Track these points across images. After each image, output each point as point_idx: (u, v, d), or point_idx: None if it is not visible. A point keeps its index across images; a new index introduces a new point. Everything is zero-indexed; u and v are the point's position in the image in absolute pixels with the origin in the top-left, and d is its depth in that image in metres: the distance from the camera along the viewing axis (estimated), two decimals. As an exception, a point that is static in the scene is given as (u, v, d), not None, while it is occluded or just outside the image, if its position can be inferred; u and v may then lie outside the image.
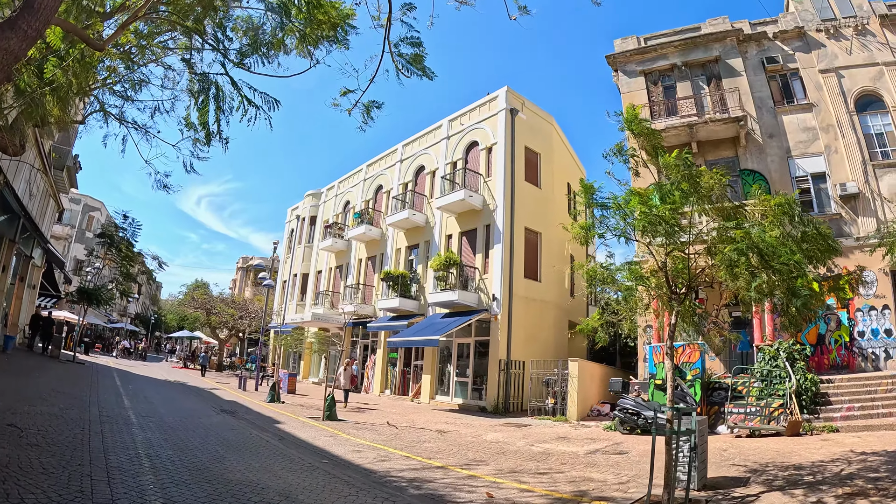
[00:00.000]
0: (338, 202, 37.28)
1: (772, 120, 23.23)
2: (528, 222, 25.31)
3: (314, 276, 37.64)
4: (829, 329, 19.45)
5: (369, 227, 30.56)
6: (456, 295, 23.31)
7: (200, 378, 31.81)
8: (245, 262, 65.96)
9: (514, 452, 12.53)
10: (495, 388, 22.45)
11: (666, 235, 8.64)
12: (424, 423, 17.38)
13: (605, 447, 13.47)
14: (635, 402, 16.23)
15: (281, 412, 18.28)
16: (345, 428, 15.26)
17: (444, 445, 13.17)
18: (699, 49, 24.70)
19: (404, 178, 30.66)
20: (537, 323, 25.06)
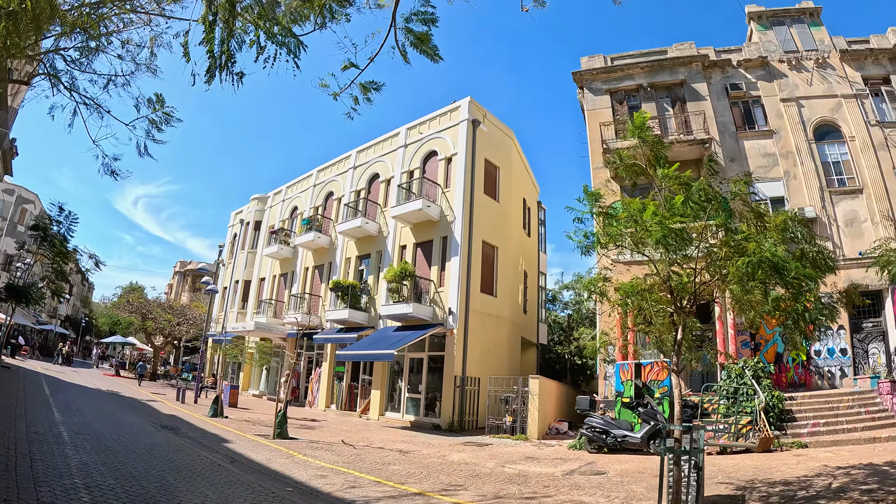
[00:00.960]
0: (285, 207, 35.37)
1: (734, 144, 23.44)
2: (486, 236, 24.25)
3: (257, 284, 35.49)
4: (787, 348, 19.54)
5: (318, 235, 28.88)
6: (411, 308, 22.02)
7: (135, 388, 29.39)
8: (183, 266, 62.70)
9: (488, 475, 11.61)
10: (450, 406, 21.29)
11: (677, 248, 8.29)
12: (381, 442, 16.25)
13: (580, 467, 12.84)
14: (604, 421, 15.64)
15: (226, 428, 16.70)
16: (299, 447, 13.92)
17: (411, 468, 12.12)
18: (665, 72, 24.62)
19: (357, 185, 29.21)
20: (492, 339, 24.03)
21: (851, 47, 24.67)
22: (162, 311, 37.86)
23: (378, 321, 24.73)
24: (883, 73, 24.29)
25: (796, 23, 25.62)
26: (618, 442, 14.84)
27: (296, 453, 12.94)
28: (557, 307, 43.07)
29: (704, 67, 24.58)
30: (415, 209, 23.41)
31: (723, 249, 8.51)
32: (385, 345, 21.57)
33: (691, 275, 8.93)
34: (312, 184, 32.75)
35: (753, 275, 7.60)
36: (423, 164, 25.92)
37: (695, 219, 8.55)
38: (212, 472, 9.99)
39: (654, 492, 8.83)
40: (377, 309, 25.03)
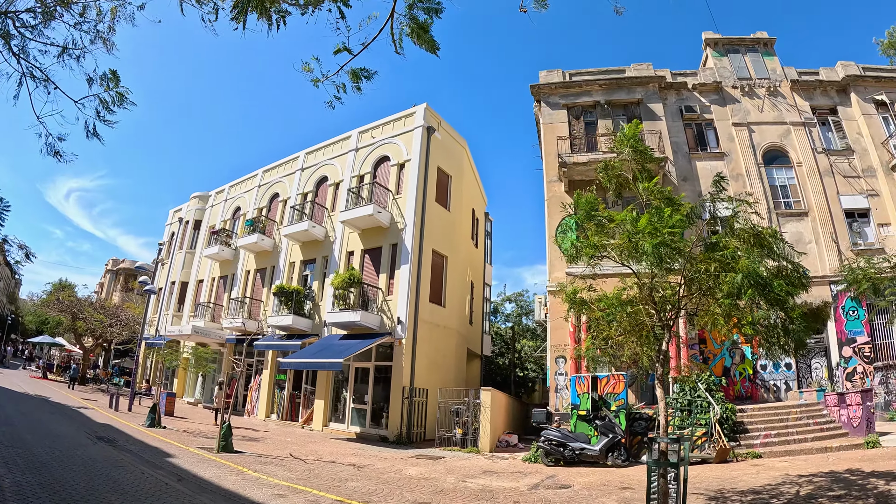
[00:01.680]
0: (227, 207, 33.66)
1: (686, 164, 23.55)
2: (436, 245, 23.49)
3: (194, 286, 33.64)
4: (735, 362, 19.92)
5: (262, 237, 27.47)
6: (358, 316, 21.01)
7: (65, 392, 27.22)
8: (115, 264, 59.15)
9: (452, 491, 11.05)
10: (398, 417, 20.40)
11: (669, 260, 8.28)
12: (331, 456, 15.30)
13: (543, 481, 12.45)
14: (561, 434, 15.33)
15: (166, 440, 15.34)
16: (247, 462, 12.81)
17: (371, 484, 11.35)
18: (622, 90, 24.61)
19: (304, 187, 28.00)
20: (440, 349, 23.24)
21: (801, 78, 25.34)
22: (93, 310, 35.20)
23: (323, 329, 23.58)
24: (830, 103, 24.88)
25: (750, 51, 26.09)
26: (576, 455, 14.62)
27: (246, 469, 11.89)
28: (499, 319, 42.67)
29: (661, 89, 24.66)
30: (365, 214, 22.42)
31: (711, 264, 8.47)
32: (331, 353, 20.45)
33: (675, 287, 9.06)
34: (257, 184, 31.31)
35: (742, 290, 7.66)
36: (375, 169, 24.98)
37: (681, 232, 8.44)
38: (159, 492, 8.93)
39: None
40: (322, 316, 23.89)
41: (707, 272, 8.48)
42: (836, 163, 23.60)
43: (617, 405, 16.56)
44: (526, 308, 41.63)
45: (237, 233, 30.71)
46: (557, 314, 20.99)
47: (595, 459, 14.62)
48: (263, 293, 27.62)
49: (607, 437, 14.84)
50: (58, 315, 35.76)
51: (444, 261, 24.23)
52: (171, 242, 36.91)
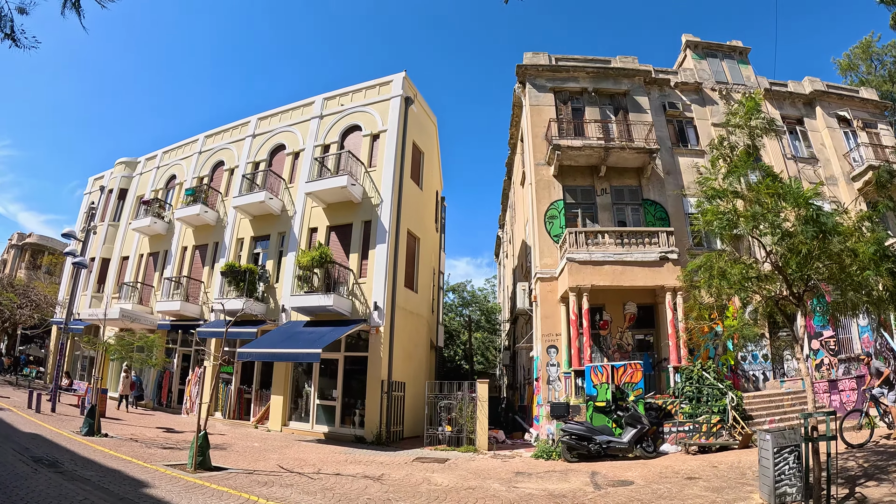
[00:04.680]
0: (159, 175, 28.54)
1: (669, 159, 22.06)
2: (411, 225, 20.66)
3: (118, 263, 28.11)
4: (718, 353, 18.61)
5: (205, 209, 23.02)
6: (330, 300, 17.59)
7: None
8: (21, 238, 50.00)
9: (521, 501, 8.84)
10: (376, 415, 17.23)
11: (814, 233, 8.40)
12: (325, 465, 12.29)
13: (593, 479, 10.91)
14: (586, 427, 13.89)
15: (121, 456, 11.21)
16: (242, 484, 9.43)
17: (422, 501, 8.77)
18: (609, 80, 22.74)
19: (256, 155, 23.88)
20: (413, 339, 20.37)
21: (773, 88, 24.70)
22: (1, 288, 28.34)
23: (280, 314, 19.71)
24: (798, 114, 24.31)
25: (727, 58, 25.09)
26: (602, 448, 13.42)
27: (246, 494, 8.51)
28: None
29: (645, 83, 22.81)
30: (336, 186, 19.05)
31: (855, 235, 8.69)
32: (301, 342, 16.98)
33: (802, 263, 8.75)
34: (198, 150, 26.60)
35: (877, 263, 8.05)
36: (342, 139, 21.61)
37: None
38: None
39: (718, 493, 8.71)
40: (279, 300, 19.95)
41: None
42: (803, 170, 22.83)
43: (635, 395, 15.36)
44: (471, 299, 38.85)
45: (172, 204, 25.87)
46: (549, 302, 18.78)
47: (622, 452, 13.49)
48: (204, 273, 23.17)
49: (635, 429, 13.66)
50: None
51: (417, 243, 21.29)
52: (90, 213, 30.89)
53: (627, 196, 20.71)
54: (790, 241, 8.74)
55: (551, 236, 19.52)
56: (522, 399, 23.12)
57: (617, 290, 17.90)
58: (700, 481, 9.91)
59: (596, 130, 21.01)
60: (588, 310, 16.99)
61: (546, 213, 19.81)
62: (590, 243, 17.98)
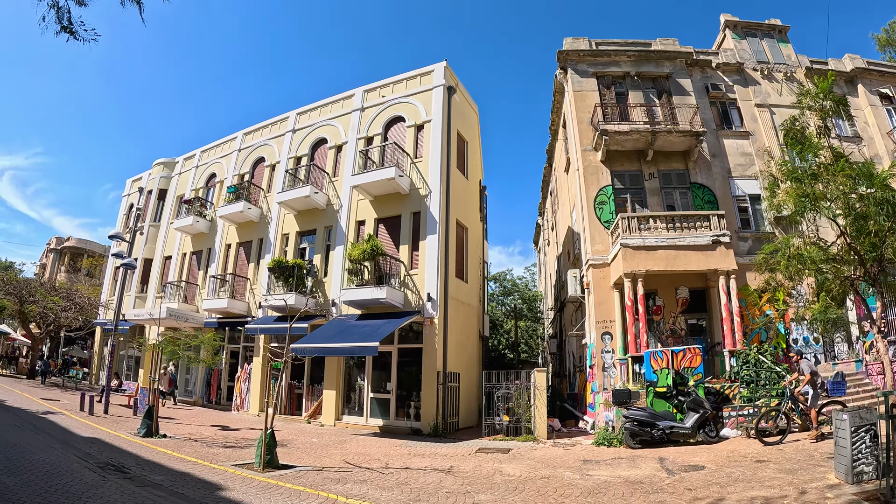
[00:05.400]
0: (198, 175, 28.17)
1: (714, 141, 21.42)
2: (459, 215, 20.18)
3: (160, 263, 27.90)
4: (769, 337, 18.13)
5: (248, 206, 22.66)
6: (383, 293, 17.25)
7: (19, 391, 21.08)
8: (59, 242, 49.67)
9: (600, 489, 8.58)
10: (433, 406, 16.81)
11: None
12: (390, 458, 11.92)
13: (662, 465, 10.65)
14: (649, 413, 13.63)
15: (185, 457, 10.84)
16: (316, 482, 9.06)
17: (495, 494, 8.40)
18: (651, 63, 22.14)
19: (298, 150, 23.44)
20: (465, 329, 19.96)
21: (814, 66, 23.83)
22: (45, 292, 27.98)
23: (330, 308, 19.28)
24: (840, 92, 23.42)
25: (766, 37, 24.33)
26: (665, 434, 13.17)
27: (323, 493, 8.14)
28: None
29: (687, 65, 22.24)
30: (384, 178, 18.62)
31: None
32: (355, 336, 16.60)
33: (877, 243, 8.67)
34: (237, 148, 26.22)
35: None
36: (385, 131, 21.16)
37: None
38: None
39: (792, 474, 8.55)
40: (328, 294, 19.50)
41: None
42: (847, 149, 21.92)
43: (695, 380, 15.03)
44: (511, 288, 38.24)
45: (212, 202, 25.57)
46: (601, 288, 18.34)
47: (684, 437, 13.23)
48: (250, 269, 22.87)
49: (698, 413, 13.32)
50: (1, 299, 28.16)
51: (465, 233, 20.82)
52: (130, 215, 30.61)
53: (675, 180, 20.16)
54: (861, 223, 8.71)
55: (602, 222, 19.03)
56: (572, 387, 22.63)
57: (669, 274, 17.42)
58: (770, 464, 9.76)
59: (641, 114, 20.47)
60: (643, 295, 16.57)
61: (595, 198, 19.33)
62: (642, 228, 17.51)
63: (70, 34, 6.85)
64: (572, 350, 22.99)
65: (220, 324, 22.08)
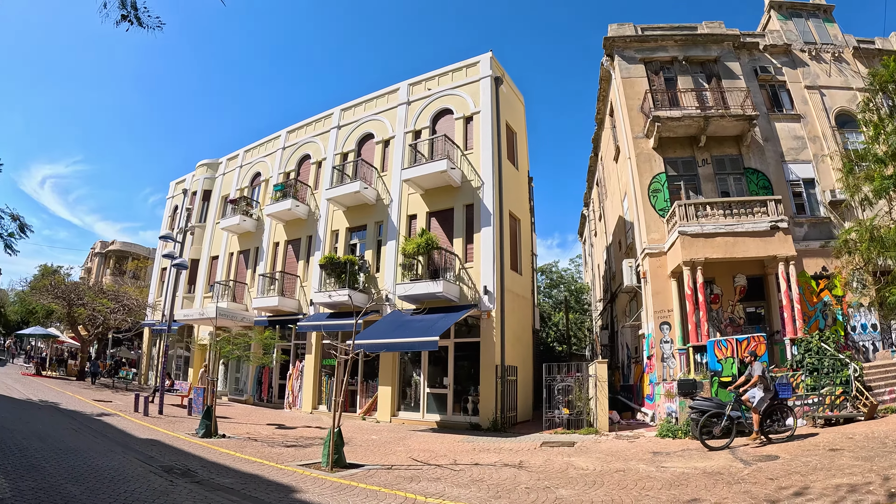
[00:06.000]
0: (243, 174, 27.94)
1: (766, 125, 20.80)
2: (511, 206, 19.66)
3: (207, 263, 27.78)
4: (827, 324, 17.52)
5: (296, 203, 22.38)
6: (440, 287, 16.86)
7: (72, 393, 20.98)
8: (104, 246, 49.99)
9: (677, 483, 8.23)
10: (491, 400, 16.38)
11: None
12: (448, 453, 11.82)
13: (736, 455, 10.44)
14: (716, 403, 12.92)
15: (249, 457, 10.51)
16: (384, 479, 8.89)
17: (575, 490, 7.99)
18: (698, 47, 21.58)
19: (344, 146, 23.10)
20: (521, 322, 19.61)
21: (861, 45, 23.03)
22: (95, 295, 27.92)
23: (384, 304, 18.88)
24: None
25: (812, 17, 23.58)
26: (732, 424, 12.29)
27: (407, 493, 7.75)
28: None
29: (734, 48, 21.57)
30: (435, 171, 18.24)
31: None
32: (412, 331, 16.27)
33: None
34: (281, 146, 25.93)
35: None
36: (434, 123, 20.76)
37: None
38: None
39: (870, 461, 8.28)
40: (380, 289, 19.19)
41: None
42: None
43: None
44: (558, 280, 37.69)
45: (258, 201, 25.31)
46: (659, 278, 17.84)
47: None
48: (299, 267, 22.63)
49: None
50: (51, 302, 28.17)
51: (517, 224, 20.33)
52: (175, 217, 30.53)
53: (728, 165, 19.57)
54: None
55: (656, 210, 18.53)
56: (626, 379, 22.13)
57: (726, 262, 16.90)
58: (845, 452, 9.48)
59: (691, 100, 19.90)
60: (703, 283, 16.08)
61: (649, 187, 18.83)
62: (699, 215, 16.98)
63: (132, 22, 6.50)
64: (626, 341, 22.49)
65: (270, 322, 21.80)
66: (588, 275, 38.50)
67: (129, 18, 6.44)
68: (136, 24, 6.45)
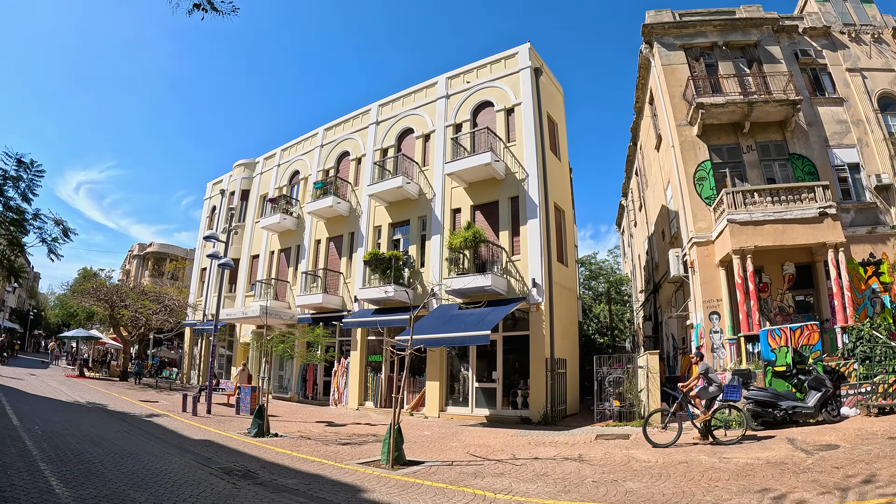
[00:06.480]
0: (281, 173, 27.83)
1: (809, 109, 20.30)
2: (555, 197, 19.33)
3: (247, 262, 27.82)
4: (876, 312, 16.93)
5: (337, 200, 22.30)
6: (488, 280, 16.66)
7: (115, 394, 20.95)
8: (142, 249, 50.39)
9: (746, 472, 8.08)
10: (542, 394, 16.16)
11: None
12: (504, 448, 11.61)
13: (795, 445, 10.11)
14: (771, 393, 12.90)
15: (306, 457, 10.29)
16: (447, 476, 8.60)
17: (643, 482, 7.84)
18: (738, 32, 21.16)
19: (383, 142, 22.96)
20: (568, 314, 19.30)
21: None
22: (137, 296, 28.04)
23: (430, 298, 18.66)
24: None
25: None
26: (787, 414, 12.49)
27: (476, 490, 7.52)
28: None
29: (774, 31, 21.08)
30: (479, 164, 18.07)
31: None
32: (461, 325, 16.10)
33: None
34: (319, 144, 25.80)
35: None
36: (474, 116, 20.51)
37: None
38: None
39: None
40: (426, 284, 19.05)
41: None
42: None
43: (813, 357, 14.18)
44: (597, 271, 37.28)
45: (298, 199, 25.21)
46: (707, 267, 17.51)
47: (805, 418, 12.56)
48: (342, 264, 22.51)
49: (820, 392, 12.60)
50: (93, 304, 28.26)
51: (562, 216, 20.04)
52: (213, 217, 30.57)
53: (773, 151, 19.17)
54: None
55: (702, 199, 18.20)
56: (671, 370, 21.77)
57: (773, 250, 16.54)
58: None
59: (733, 85, 19.53)
60: (753, 272, 15.77)
61: (694, 175, 18.48)
62: (747, 203, 16.62)
63: (206, 10, 6.30)
64: (671, 332, 22.15)
65: (313, 319, 21.77)
66: (627, 266, 38.08)
67: (203, 7, 6.27)
68: (211, 9, 6.30)
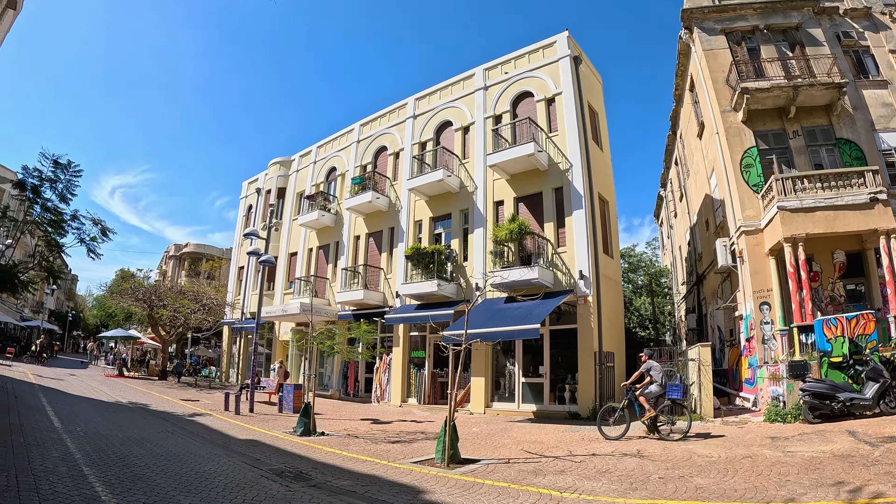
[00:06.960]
0: (317, 170, 27.61)
1: (854, 92, 19.60)
2: (599, 188, 18.90)
3: (285, 260, 27.70)
4: None
5: (376, 195, 22.04)
6: (535, 273, 16.33)
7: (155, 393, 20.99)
8: (178, 249, 50.79)
9: (812, 465, 7.92)
10: (590, 388, 15.85)
11: None
12: (559, 444, 11.38)
13: (859, 438, 9.74)
14: (829, 385, 12.51)
15: (357, 456, 9.97)
16: (507, 474, 8.27)
17: (713, 477, 7.57)
18: (778, 14, 20.55)
19: (421, 136, 22.69)
20: (614, 307, 18.91)
21: None
22: (175, 296, 28.09)
23: (474, 292, 18.40)
24: None
25: None
26: (845, 406, 12.12)
27: (541, 489, 7.18)
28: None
29: (815, 13, 20.42)
30: (522, 155, 17.73)
31: None
32: (509, 319, 15.90)
33: None
34: (355, 139, 25.58)
35: None
36: (514, 107, 20.23)
37: None
38: None
39: None
40: (469, 278, 18.77)
41: None
42: None
43: (869, 347, 13.46)
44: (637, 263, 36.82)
45: (335, 195, 25.05)
46: (756, 256, 16.93)
47: (863, 409, 12.14)
48: (382, 259, 22.29)
49: (878, 383, 12.15)
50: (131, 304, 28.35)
51: (606, 206, 19.63)
52: (249, 216, 30.52)
53: (820, 136, 18.59)
54: None
55: (750, 186, 17.67)
56: (718, 363, 21.24)
57: (823, 238, 15.93)
58: None
59: (777, 69, 18.97)
60: (805, 261, 15.24)
61: (741, 162, 17.98)
62: (797, 189, 16.11)
63: None
64: (718, 324, 21.63)
65: (354, 315, 21.55)
66: (666, 258, 37.51)
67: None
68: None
